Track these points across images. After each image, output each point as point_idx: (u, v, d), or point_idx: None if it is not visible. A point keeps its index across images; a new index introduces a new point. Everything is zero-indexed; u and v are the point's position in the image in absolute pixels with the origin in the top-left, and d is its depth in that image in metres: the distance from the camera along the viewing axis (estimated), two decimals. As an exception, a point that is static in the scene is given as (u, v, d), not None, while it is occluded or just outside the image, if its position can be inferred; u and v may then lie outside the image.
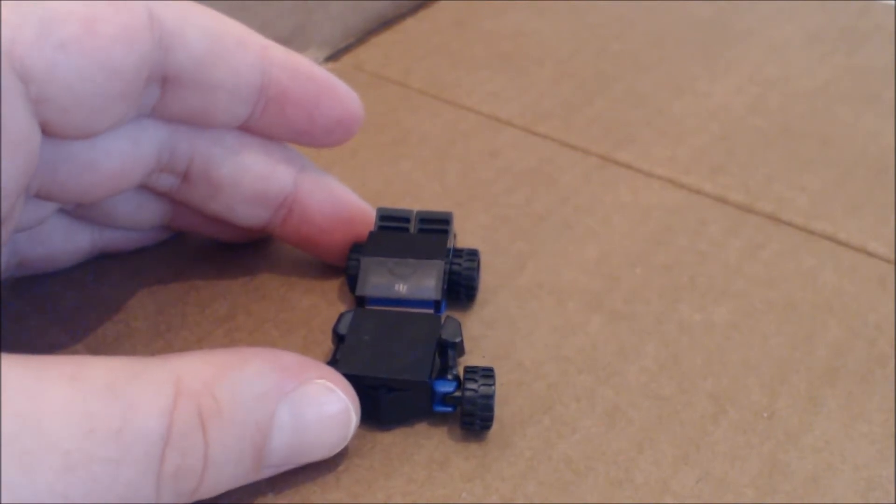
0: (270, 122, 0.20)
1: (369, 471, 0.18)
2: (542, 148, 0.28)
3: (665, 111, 0.30)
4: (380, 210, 0.22)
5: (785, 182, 0.26)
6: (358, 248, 0.22)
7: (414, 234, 0.21)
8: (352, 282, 0.21)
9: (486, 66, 0.32)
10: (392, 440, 0.19)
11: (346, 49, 0.34)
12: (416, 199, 0.26)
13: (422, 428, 0.19)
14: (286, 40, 0.33)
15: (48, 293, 0.22)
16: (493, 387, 0.18)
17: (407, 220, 0.22)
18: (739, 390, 0.20)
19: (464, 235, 0.24)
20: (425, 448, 0.18)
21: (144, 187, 0.20)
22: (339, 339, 0.19)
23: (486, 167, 0.27)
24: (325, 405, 0.16)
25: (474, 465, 0.18)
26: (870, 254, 0.24)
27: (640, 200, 0.26)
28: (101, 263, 0.23)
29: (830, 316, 0.22)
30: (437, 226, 0.22)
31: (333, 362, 0.18)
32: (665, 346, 0.21)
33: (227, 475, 0.15)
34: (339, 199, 0.21)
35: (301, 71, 0.19)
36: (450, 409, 0.19)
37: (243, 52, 0.18)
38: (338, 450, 0.17)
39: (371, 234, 0.21)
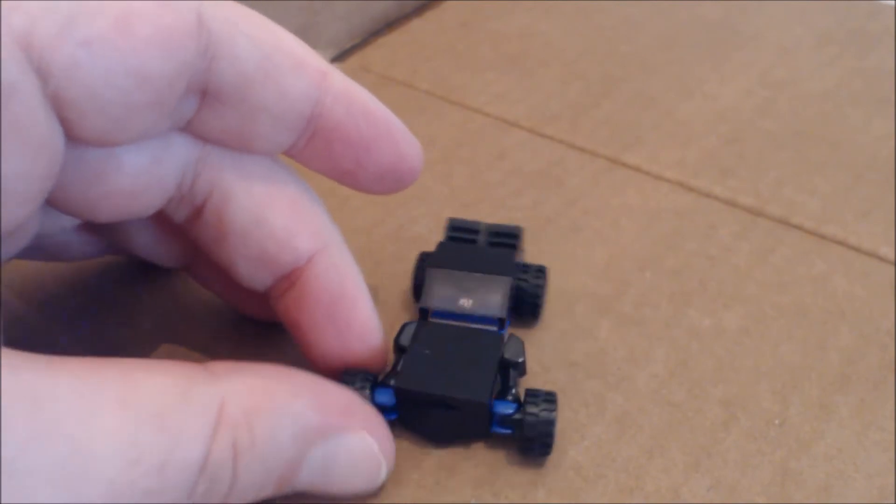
0: (314, 156, 0.17)
1: (377, 477, 0.18)
2: (550, 150, 0.28)
3: (673, 113, 0.30)
4: (450, 220, 0.22)
5: (795, 186, 0.26)
6: (425, 258, 0.21)
7: (482, 247, 0.21)
8: (417, 290, 0.21)
9: (492, 68, 0.32)
10: (400, 446, 0.18)
11: (352, 49, 0.34)
12: (423, 202, 0.25)
13: (430, 433, 0.19)
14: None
15: (50, 293, 0.22)
16: (554, 412, 0.18)
17: (476, 231, 0.21)
18: (750, 397, 0.20)
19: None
20: (434, 454, 0.18)
21: (163, 220, 0.19)
22: (399, 349, 0.19)
23: (494, 169, 0.27)
24: (359, 455, 0.16)
25: (483, 472, 0.18)
26: (881, 258, 0.23)
27: (648, 203, 0.25)
28: (104, 262, 0.23)
29: (842, 321, 0.21)
30: (506, 240, 0.21)
31: (393, 374, 0.18)
32: (675, 352, 0.21)
33: (249, 497, 0.15)
34: (347, 297, 0.18)
35: (358, 106, 0.17)
36: (508, 431, 0.18)
37: (298, 74, 0.16)
38: (363, 494, 0.17)
39: (440, 244, 0.21)
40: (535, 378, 0.20)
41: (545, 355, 0.21)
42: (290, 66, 0.16)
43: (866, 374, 0.20)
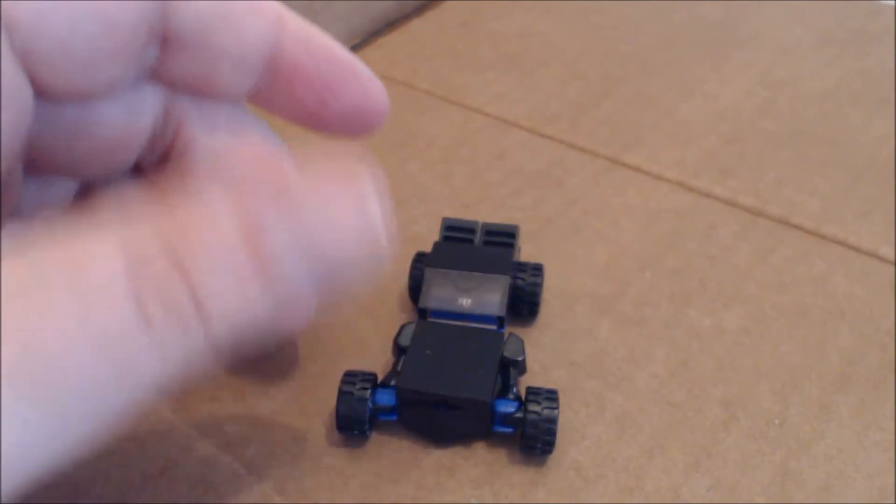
0: (278, 100, 0.17)
1: (378, 476, 0.18)
2: (550, 150, 0.28)
3: (673, 113, 0.30)
4: (445, 220, 0.22)
5: (795, 185, 0.26)
6: (422, 258, 0.21)
7: (479, 247, 0.21)
8: (414, 291, 0.21)
9: (492, 68, 0.32)
10: (401, 445, 0.18)
11: (353, 49, 0.34)
12: (423, 201, 0.25)
13: (430, 433, 0.19)
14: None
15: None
16: (556, 410, 0.18)
17: (472, 231, 0.21)
18: (750, 397, 0.20)
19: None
20: (434, 454, 0.18)
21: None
22: (399, 350, 0.19)
23: (494, 169, 0.27)
24: (329, 186, 0.13)
25: (483, 472, 0.18)
26: (881, 258, 0.23)
27: (648, 203, 0.25)
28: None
29: (842, 321, 0.21)
30: (502, 238, 0.21)
31: (394, 374, 0.18)
32: (675, 352, 0.21)
33: (221, 288, 0.12)
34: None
35: (318, 47, 0.17)
36: (510, 429, 0.18)
37: (254, 17, 0.16)
38: (383, 245, 0.13)
39: (436, 244, 0.21)
40: (535, 378, 0.20)
41: (545, 355, 0.21)
42: (246, 9, 0.16)
43: (866, 374, 0.20)
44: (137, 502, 0.17)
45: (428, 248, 0.24)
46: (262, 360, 0.21)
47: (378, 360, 0.20)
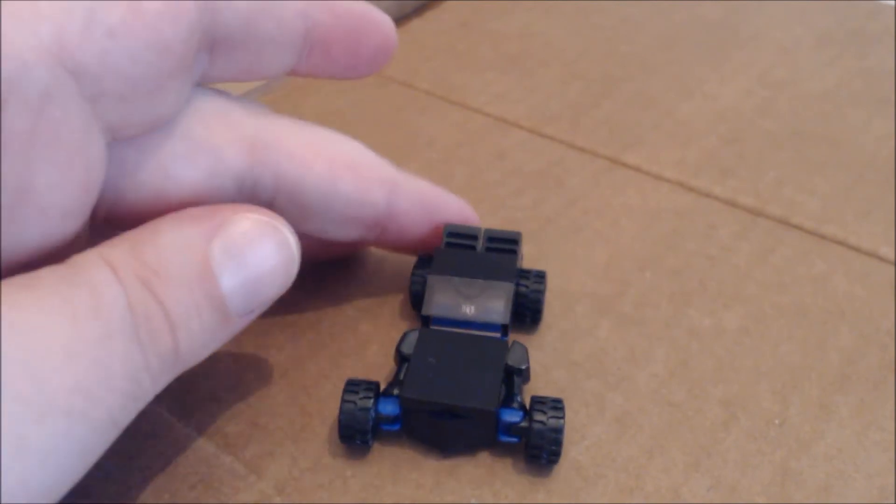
0: (317, 64, 0.19)
1: (377, 476, 0.18)
2: (550, 150, 0.28)
3: (673, 113, 0.30)
4: (447, 226, 0.22)
5: (795, 185, 0.26)
6: (423, 264, 0.21)
7: (482, 253, 0.21)
8: (415, 298, 0.21)
9: (492, 68, 0.32)
10: (401, 446, 0.18)
11: (353, 49, 0.34)
12: (424, 202, 0.25)
13: (430, 433, 0.19)
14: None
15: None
16: (562, 419, 0.17)
17: (475, 237, 0.21)
18: (750, 397, 0.20)
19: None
20: (434, 454, 0.18)
21: None
22: (402, 358, 0.19)
23: (494, 169, 0.27)
24: (251, 232, 0.16)
25: (483, 472, 0.18)
26: (881, 258, 0.23)
27: (648, 203, 0.25)
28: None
29: (842, 322, 0.21)
30: (505, 245, 0.21)
31: (397, 383, 0.18)
32: (675, 352, 0.21)
33: (198, 330, 0.15)
34: (434, 206, 0.21)
35: (341, 8, 0.19)
36: (514, 439, 0.18)
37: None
38: (294, 269, 0.17)
39: (437, 250, 0.21)
40: (535, 378, 0.20)
41: (545, 355, 0.21)
42: None
43: (866, 374, 0.20)
44: (137, 502, 0.17)
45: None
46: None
47: (378, 361, 0.20)
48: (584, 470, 0.18)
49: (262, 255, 0.16)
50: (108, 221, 0.17)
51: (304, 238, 0.19)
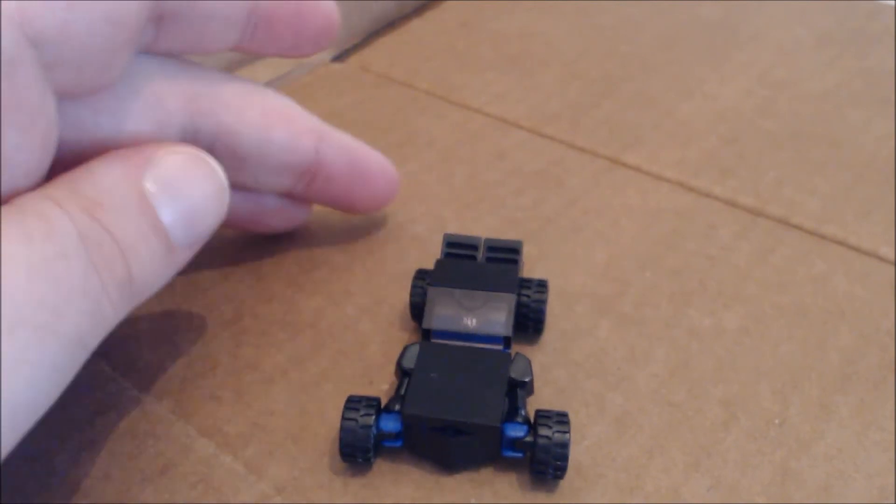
0: (260, 42, 0.20)
1: (377, 476, 0.18)
2: (550, 150, 0.28)
3: (673, 113, 0.30)
4: (446, 237, 0.21)
5: (795, 185, 0.26)
6: (423, 275, 0.21)
7: (482, 264, 0.21)
8: (415, 310, 0.21)
9: (492, 68, 0.32)
10: (402, 446, 0.18)
11: (352, 49, 0.34)
12: (423, 201, 0.25)
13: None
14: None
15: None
16: (567, 434, 0.17)
17: (475, 247, 0.21)
18: (750, 397, 0.20)
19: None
20: (433, 454, 0.18)
21: None
22: (403, 373, 0.18)
23: (494, 169, 0.27)
24: (180, 165, 0.17)
25: (484, 472, 0.18)
26: (881, 258, 0.23)
27: (648, 203, 0.25)
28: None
29: (842, 322, 0.21)
30: (505, 254, 0.21)
31: (399, 398, 0.18)
32: (675, 352, 0.21)
33: (147, 258, 0.16)
34: (359, 158, 0.22)
35: None
36: (519, 454, 0.18)
37: None
38: (225, 199, 0.18)
39: (438, 261, 0.21)
40: (535, 378, 0.20)
41: (545, 355, 0.21)
42: None
43: (866, 374, 0.20)
44: (137, 502, 0.17)
45: (427, 247, 0.24)
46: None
47: (378, 361, 0.20)
48: (584, 470, 0.18)
49: (193, 185, 0.17)
50: None
51: (240, 208, 0.22)
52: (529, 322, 0.20)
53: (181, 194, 0.17)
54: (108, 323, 0.15)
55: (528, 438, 0.17)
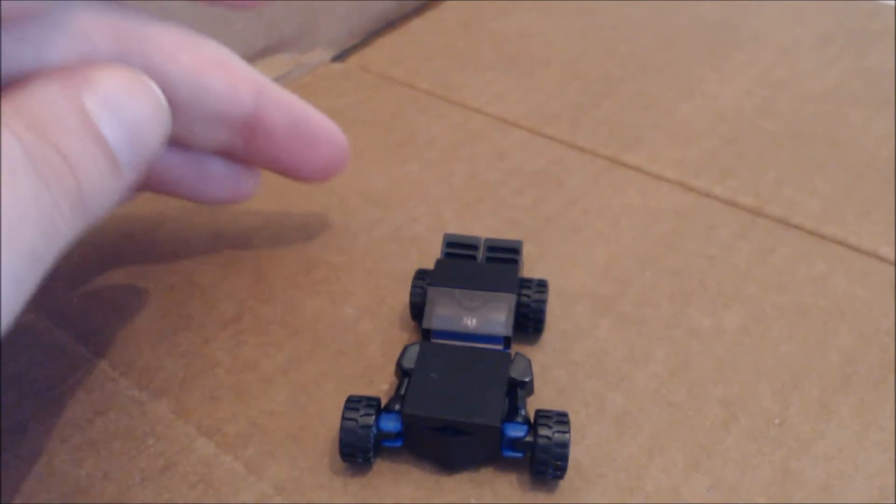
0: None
1: (377, 476, 0.18)
2: (550, 150, 0.28)
3: (673, 113, 0.30)
4: (447, 236, 0.21)
5: (795, 185, 0.26)
6: (423, 275, 0.21)
7: (482, 264, 0.21)
8: (415, 310, 0.21)
9: (493, 68, 0.32)
10: (402, 447, 0.18)
11: (352, 49, 0.34)
12: (423, 201, 0.25)
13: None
14: (292, 41, 0.33)
15: (51, 294, 0.22)
16: (567, 434, 0.17)
17: (475, 247, 0.21)
18: (750, 397, 0.20)
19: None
20: (433, 454, 0.18)
21: None
22: (403, 373, 0.18)
23: (494, 169, 0.27)
24: (118, 84, 0.17)
25: (484, 472, 0.18)
26: (881, 258, 0.23)
27: (648, 203, 0.25)
28: (105, 264, 0.23)
29: (842, 322, 0.21)
30: (505, 254, 0.21)
31: (399, 398, 0.18)
32: (675, 352, 0.21)
33: (97, 174, 0.16)
34: (303, 117, 0.21)
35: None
36: (519, 454, 0.18)
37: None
38: (167, 118, 0.17)
39: (438, 261, 0.21)
40: (535, 378, 0.20)
41: (545, 355, 0.21)
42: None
43: (866, 374, 0.20)
44: (137, 502, 0.17)
45: (427, 247, 0.24)
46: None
47: (378, 361, 0.20)
48: (584, 470, 0.18)
49: (133, 103, 0.17)
50: None
51: (182, 171, 0.22)
52: (529, 322, 0.20)
53: (122, 112, 0.17)
54: (62, 237, 0.15)
55: (528, 438, 0.17)
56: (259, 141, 0.21)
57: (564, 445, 0.17)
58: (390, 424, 0.18)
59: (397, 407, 0.18)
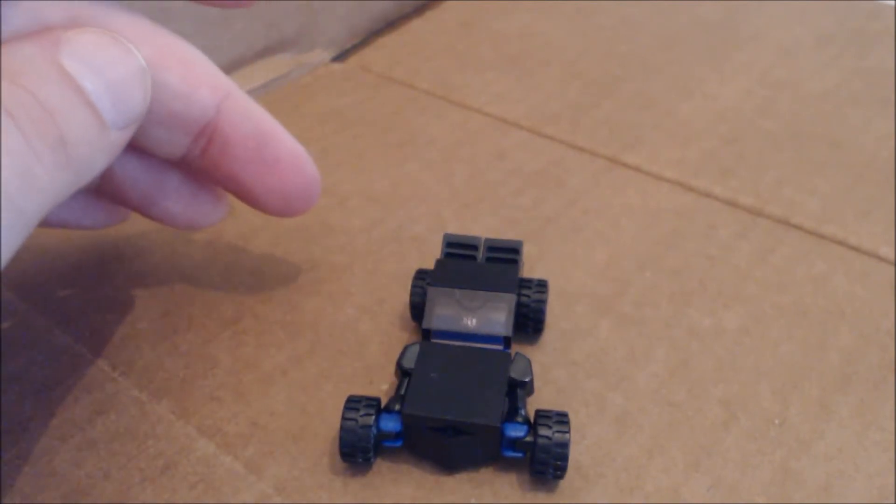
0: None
1: (377, 476, 0.18)
2: (550, 150, 0.28)
3: (673, 113, 0.30)
4: (447, 236, 0.21)
5: (795, 185, 0.26)
6: (423, 275, 0.21)
7: (482, 264, 0.21)
8: (415, 310, 0.21)
9: (493, 68, 0.32)
10: (402, 447, 0.18)
11: (352, 49, 0.34)
12: (423, 201, 0.25)
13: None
14: (292, 41, 0.33)
15: (51, 294, 0.22)
16: (567, 434, 0.17)
17: (475, 247, 0.21)
18: (750, 397, 0.20)
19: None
20: (433, 454, 0.18)
21: None
22: (403, 373, 0.18)
23: (494, 169, 0.27)
24: (94, 42, 0.16)
25: (484, 472, 0.18)
26: (881, 258, 0.23)
27: (648, 203, 0.25)
28: (106, 265, 0.23)
29: (842, 321, 0.21)
30: (505, 254, 0.21)
31: (399, 398, 0.18)
32: (675, 352, 0.21)
33: (80, 125, 0.15)
34: (267, 134, 0.19)
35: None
36: (519, 454, 0.18)
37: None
38: (147, 78, 0.17)
39: (438, 261, 0.21)
40: (535, 378, 0.20)
41: (545, 355, 0.21)
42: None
43: (866, 374, 0.20)
44: (137, 502, 0.17)
45: (427, 247, 0.24)
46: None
47: (378, 361, 0.20)
48: (584, 470, 0.18)
49: (111, 61, 0.16)
50: None
51: (136, 180, 0.20)
52: (529, 322, 0.20)
53: (101, 69, 0.16)
54: (45, 189, 0.15)
55: (528, 438, 0.17)
56: (214, 151, 0.19)
57: (564, 445, 0.17)
58: (390, 424, 0.18)
59: (397, 407, 0.18)
